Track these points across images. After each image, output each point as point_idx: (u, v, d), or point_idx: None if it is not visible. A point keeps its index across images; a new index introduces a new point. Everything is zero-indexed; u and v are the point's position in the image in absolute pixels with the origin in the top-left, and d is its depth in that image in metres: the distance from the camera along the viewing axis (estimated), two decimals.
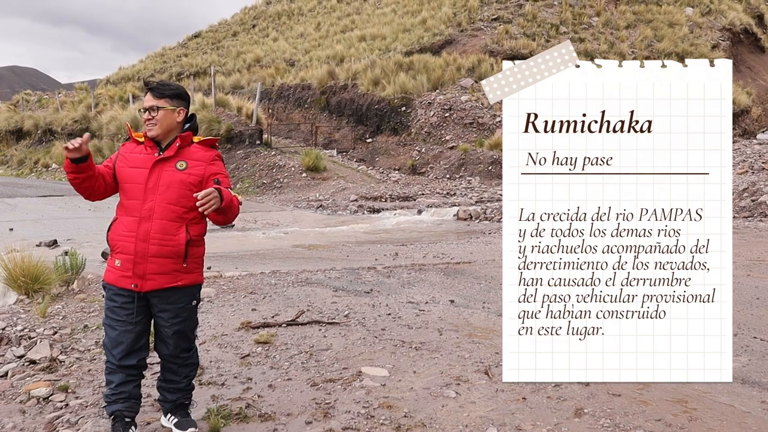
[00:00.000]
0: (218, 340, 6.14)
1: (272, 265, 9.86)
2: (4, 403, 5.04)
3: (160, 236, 3.90)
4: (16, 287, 8.17)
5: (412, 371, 5.18)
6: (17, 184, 25.19)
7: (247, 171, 23.24)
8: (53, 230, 13.61)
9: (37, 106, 45.70)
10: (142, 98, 24.55)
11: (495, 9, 37.14)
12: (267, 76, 35.21)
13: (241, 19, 55.96)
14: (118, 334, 3.99)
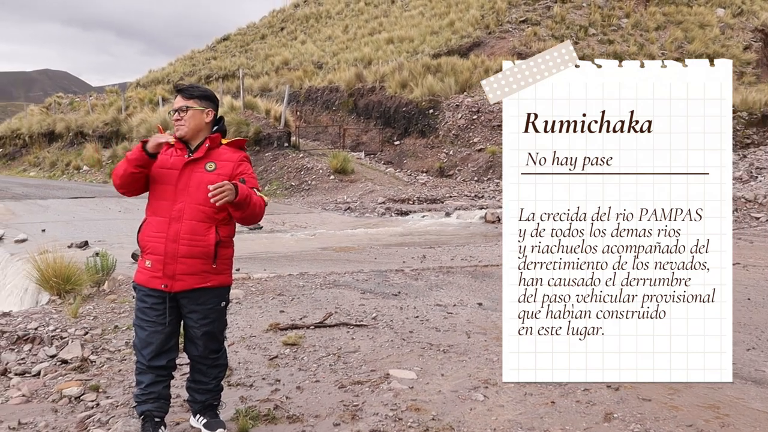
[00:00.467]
0: (246, 342, 6.17)
1: (300, 267, 9.89)
2: (37, 402, 5.11)
3: (190, 237, 3.93)
4: (49, 288, 8.27)
5: (440, 374, 5.17)
6: (49, 186, 25.49)
7: (276, 173, 23.33)
8: (84, 231, 13.75)
9: (68, 108, 46.23)
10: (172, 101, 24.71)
11: (523, 11, 36.97)
12: (295, 78, 35.32)
13: (269, 23, 56.20)
14: (148, 335, 4.02)
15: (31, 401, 5.17)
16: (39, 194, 21.68)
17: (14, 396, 5.31)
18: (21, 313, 7.65)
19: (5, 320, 7.32)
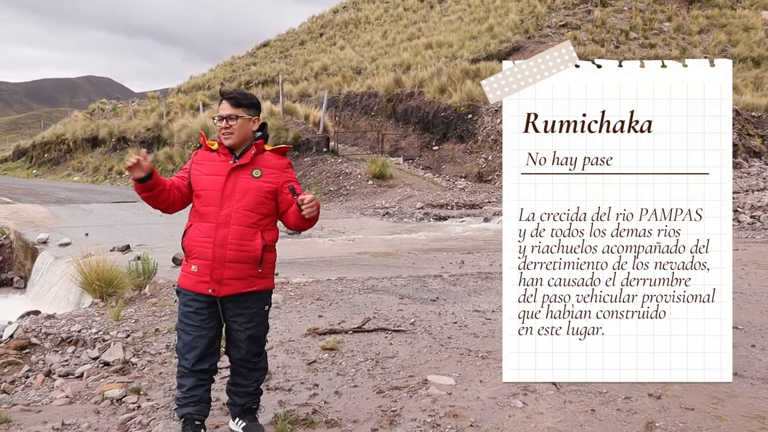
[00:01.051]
0: (285, 346, 6.20)
1: (339, 272, 9.91)
2: (80, 403, 5.19)
3: (237, 242, 3.97)
4: (91, 291, 8.39)
5: (478, 380, 5.15)
6: (92, 191, 25.88)
7: (314, 178, 23.44)
8: (126, 235, 13.93)
9: (111, 114, 46.91)
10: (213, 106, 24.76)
11: (563, 15, 36.77)
12: (334, 84, 35.47)
13: (308, 28, 56.54)
14: (192, 339, 4.06)
15: (74, 402, 5.25)
16: (82, 198, 22.01)
17: (58, 397, 5.40)
18: (65, 316, 7.77)
19: (50, 322, 7.44)
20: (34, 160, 44.96)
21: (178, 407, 4.17)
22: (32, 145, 47.14)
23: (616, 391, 4.85)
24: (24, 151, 48.81)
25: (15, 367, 6.52)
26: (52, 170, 40.50)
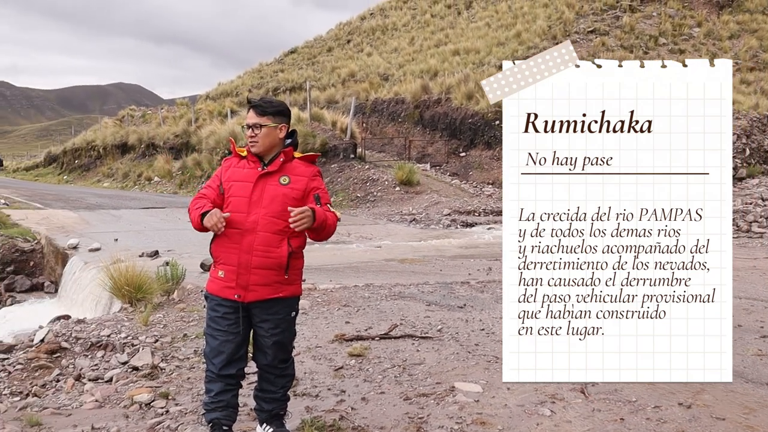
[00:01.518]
0: (312, 352, 6.21)
1: (366, 279, 9.92)
2: (109, 408, 5.23)
3: (264, 248, 3.98)
4: (121, 296, 8.47)
5: (506, 388, 5.12)
6: (122, 197, 26.13)
7: (341, 184, 23.49)
8: (155, 241, 14.04)
9: (141, 121, 47.35)
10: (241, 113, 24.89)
11: (591, 21, 36.56)
12: (361, 90, 35.54)
13: (336, 35, 56.72)
14: (220, 344, 4.08)
15: (103, 406, 5.29)
16: (112, 204, 22.23)
17: (88, 401, 5.45)
18: (95, 320, 7.85)
19: (80, 327, 7.52)
20: (64, 166, 45.51)
21: (205, 412, 4.19)
22: (63, 151, 47.73)
23: (646, 400, 4.80)
24: (55, 157, 49.44)
25: (46, 371, 6.59)
26: (82, 176, 40.96)
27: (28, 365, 6.75)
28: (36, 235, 14.78)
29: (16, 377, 6.60)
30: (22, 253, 13.87)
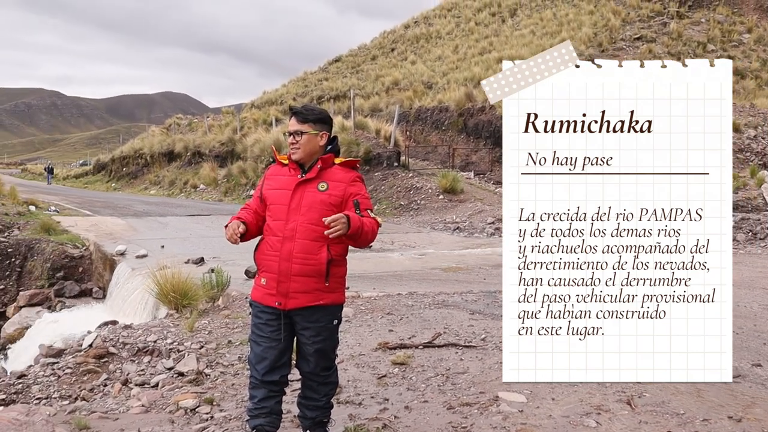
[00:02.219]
0: (356, 360, 6.21)
1: (409, 287, 9.91)
2: (155, 413, 5.29)
3: (303, 255, 3.99)
4: (167, 302, 8.57)
5: (550, 398, 5.07)
6: (168, 204, 26.46)
7: (385, 192, 23.52)
8: (200, 248, 14.18)
9: (187, 129, 47.97)
10: (286, 122, 25.10)
11: (638, 28, 36.18)
12: (405, 98, 35.57)
13: (380, 43, 56.88)
14: (263, 350, 4.10)
15: (149, 411, 5.36)
16: (158, 211, 22.52)
17: (134, 406, 5.52)
18: (141, 326, 7.95)
19: (127, 332, 7.63)
20: (113, 174, 46.27)
21: (249, 418, 4.21)
22: (111, 159, 48.55)
23: (694, 412, 4.71)
24: (103, 165, 50.30)
25: (94, 376, 6.70)
26: (129, 184, 41.60)
27: (77, 369, 6.87)
28: (85, 242, 15.04)
29: (65, 381, 6.72)
30: (71, 259, 14.13)
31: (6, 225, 16.44)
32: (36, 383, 6.79)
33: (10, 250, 14.30)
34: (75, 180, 53.78)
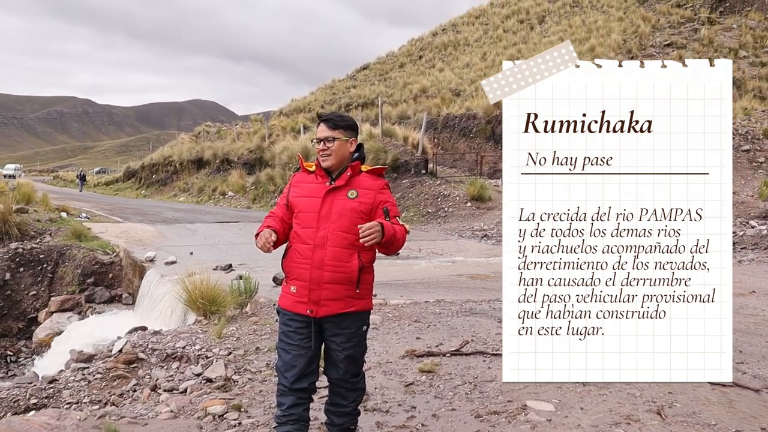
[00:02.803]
0: (383, 367, 6.21)
1: (436, 294, 9.89)
2: (184, 418, 5.32)
3: (334, 263, 4.00)
4: (195, 308, 8.62)
5: (579, 407, 5.02)
6: (197, 211, 26.64)
7: (413, 200, 23.51)
8: (228, 255, 14.26)
9: (216, 136, 48.30)
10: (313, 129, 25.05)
11: (668, 34, 35.92)
12: (433, 106, 35.57)
13: (408, 51, 56.97)
14: (292, 358, 4.10)
15: (178, 417, 5.39)
16: (187, 218, 22.69)
17: (163, 411, 5.56)
18: (170, 332, 8.01)
19: (156, 338, 7.69)
20: (142, 181, 46.73)
21: (277, 425, 4.21)
22: (141, 166, 49.04)
23: (726, 423, 4.65)
24: (133, 172, 50.81)
25: (123, 381, 6.75)
26: (159, 191, 41.96)
27: (107, 375, 6.93)
28: (115, 248, 15.19)
29: (95, 386, 6.79)
30: (101, 266, 14.29)
31: (38, 231, 16.65)
32: (67, 388, 6.86)
33: (42, 256, 14.49)
34: (105, 187, 54.38)
